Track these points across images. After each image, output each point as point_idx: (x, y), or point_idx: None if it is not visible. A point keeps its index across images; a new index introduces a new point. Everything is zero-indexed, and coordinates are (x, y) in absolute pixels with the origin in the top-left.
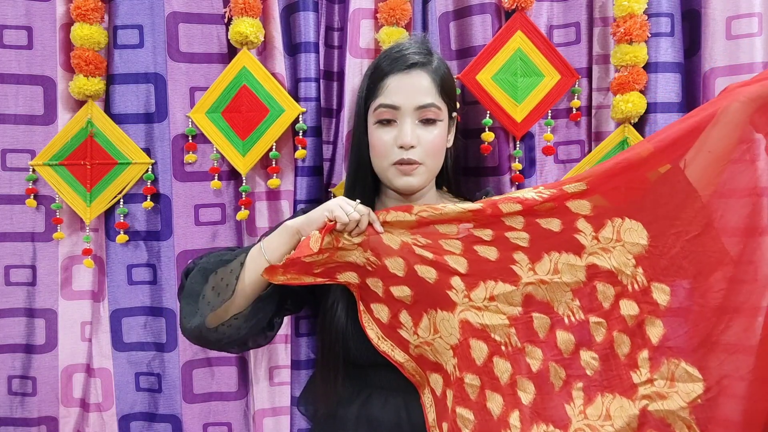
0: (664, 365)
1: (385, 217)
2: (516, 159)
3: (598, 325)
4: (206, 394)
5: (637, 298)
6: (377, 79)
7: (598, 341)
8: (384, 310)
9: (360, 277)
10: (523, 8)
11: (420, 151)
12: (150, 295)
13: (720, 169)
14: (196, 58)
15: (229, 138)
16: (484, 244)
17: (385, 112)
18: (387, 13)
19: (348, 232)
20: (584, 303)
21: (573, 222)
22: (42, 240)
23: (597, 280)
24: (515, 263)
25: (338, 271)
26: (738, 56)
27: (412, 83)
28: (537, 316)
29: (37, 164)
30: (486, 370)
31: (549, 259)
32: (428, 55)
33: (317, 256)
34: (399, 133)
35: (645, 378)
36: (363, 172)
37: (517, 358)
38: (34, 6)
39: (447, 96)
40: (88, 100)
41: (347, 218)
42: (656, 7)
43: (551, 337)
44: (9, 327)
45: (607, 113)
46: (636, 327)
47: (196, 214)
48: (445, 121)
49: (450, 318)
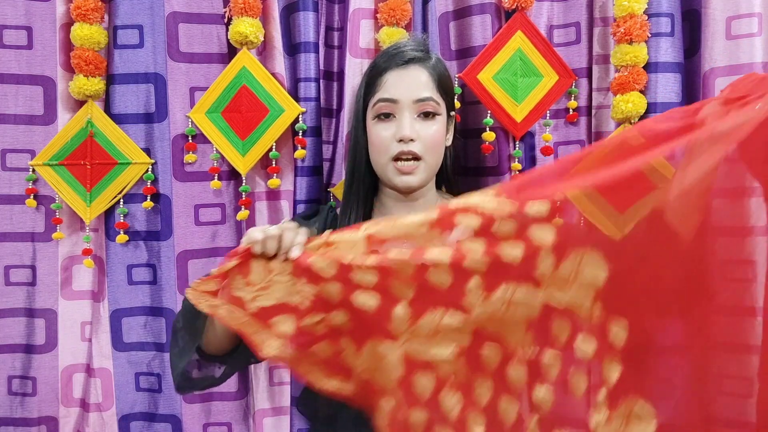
0: (622, 405)
1: (327, 238)
2: (516, 159)
3: (553, 360)
4: (206, 394)
5: (595, 334)
6: (375, 76)
7: (553, 376)
8: (326, 348)
9: (296, 321)
10: (523, 8)
11: (419, 144)
12: (150, 295)
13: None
14: (196, 58)
15: (228, 138)
16: (438, 269)
17: (383, 106)
18: (387, 13)
19: (271, 255)
20: (539, 336)
21: (535, 253)
22: (42, 240)
23: (554, 314)
24: (468, 291)
25: (272, 314)
26: (738, 56)
27: (410, 77)
28: (488, 348)
29: (37, 164)
30: (433, 405)
31: (505, 288)
32: (426, 52)
33: (242, 282)
34: (398, 126)
35: (603, 417)
36: (361, 172)
37: (467, 392)
38: (34, 6)
39: (445, 92)
40: (88, 100)
41: (261, 235)
42: (656, 7)
43: (502, 370)
44: (9, 327)
45: (607, 113)
46: (593, 364)
47: (196, 214)
48: (444, 117)
49: (392, 349)
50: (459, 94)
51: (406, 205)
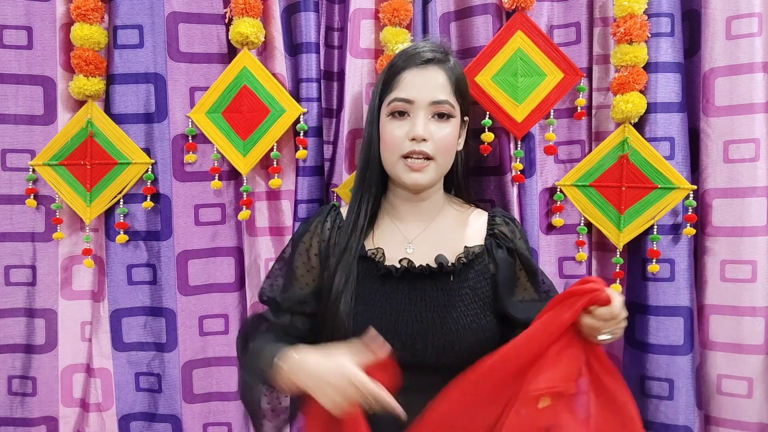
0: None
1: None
2: (517, 159)
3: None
4: (206, 394)
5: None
6: (393, 75)
7: None
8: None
9: None
10: (524, 8)
11: (431, 145)
12: (150, 295)
13: None
14: (196, 58)
15: (229, 138)
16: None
17: (399, 105)
18: (390, 13)
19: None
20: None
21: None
22: (42, 240)
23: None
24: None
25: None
26: (738, 56)
27: (428, 78)
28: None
29: (37, 164)
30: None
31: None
32: (445, 54)
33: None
34: (411, 125)
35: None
36: (372, 170)
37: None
38: (34, 6)
39: (461, 96)
40: (88, 100)
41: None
42: (656, 7)
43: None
44: (9, 327)
45: (607, 113)
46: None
47: (196, 214)
48: (458, 120)
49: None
50: None
51: (414, 205)
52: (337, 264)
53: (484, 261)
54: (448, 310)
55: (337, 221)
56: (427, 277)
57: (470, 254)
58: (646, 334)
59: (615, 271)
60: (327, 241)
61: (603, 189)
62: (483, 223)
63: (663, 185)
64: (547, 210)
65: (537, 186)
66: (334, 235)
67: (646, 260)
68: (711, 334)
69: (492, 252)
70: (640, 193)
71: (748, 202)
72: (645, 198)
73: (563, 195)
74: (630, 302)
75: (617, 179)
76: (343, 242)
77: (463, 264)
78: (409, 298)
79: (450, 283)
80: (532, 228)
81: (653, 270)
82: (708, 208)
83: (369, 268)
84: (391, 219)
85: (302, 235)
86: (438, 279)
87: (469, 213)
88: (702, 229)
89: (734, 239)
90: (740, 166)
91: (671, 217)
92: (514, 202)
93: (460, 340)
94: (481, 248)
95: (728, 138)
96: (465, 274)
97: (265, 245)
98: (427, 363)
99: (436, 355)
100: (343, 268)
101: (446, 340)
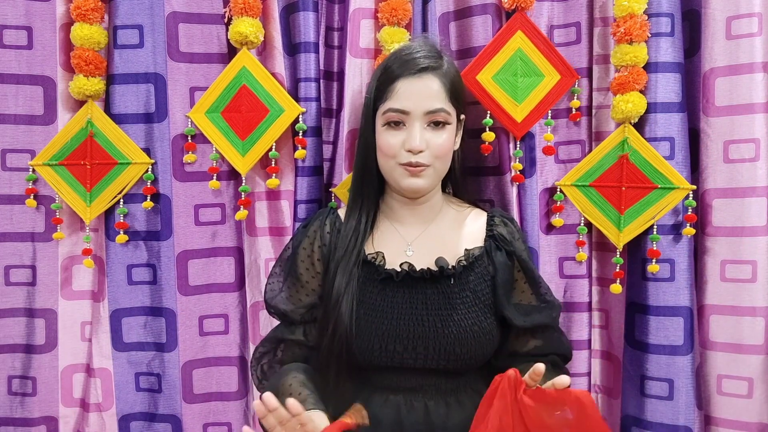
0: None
1: None
2: (516, 159)
3: None
4: (206, 394)
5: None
6: (387, 82)
7: None
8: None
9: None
10: (524, 8)
11: (428, 154)
12: (150, 295)
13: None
14: (196, 58)
15: (228, 138)
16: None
17: (394, 116)
18: (389, 13)
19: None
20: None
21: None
22: (42, 240)
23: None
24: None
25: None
26: (738, 56)
27: (422, 88)
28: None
29: (37, 164)
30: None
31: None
32: (438, 58)
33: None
34: (408, 137)
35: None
36: (369, 174)
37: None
38: (34, 6)
39: (456, 100)
40: (88, 100)
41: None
42: (656, 7)
43: None
44: (9, 327)
45: (607, 113)
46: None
47: (196, 214)
48: (454, 125)
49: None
50: None
51: (412, 208)
52: (336, 268)
53: (484, 263)
54: (449, 313)
55: (336, 224)
56: (428, 281)
57: (470, 257)
58: (646, 334)
59: (615, 271)
60: (328, 245)
61: (603, 189)
62: (482, 223)
63: (663, 185)
64: (547, 210)
65: (537, 186)
66: (335, 238)
67: (646, 260)
68: (711, 334)
69: (491, 254)
70: (640, 193)
71: (748, 202)
72: (645, 198)
73: (563, 195)
74: (630, 302)
75: (617, 179)
76: (343, 247)
77: (463, 267)
78: (410, 302)
79: (451, 286)
80: (532, 228)
81: (653, 270)
82: (708, 208)
83: (369, 272)
84: (390, 221)
85: (302, 242)
86: (439, 282)
87: (467, 213)
88: (702, 229)
89: (734, 239)
90: (740, 166)
91: (671, 217)
92: (514, 202)
93: (461, 342)
94: (481, 250)
95: (728, 138)
96: (465, 277)
97: (265, 245)
98: (428, 366)
99: (437, 358)
100: (344, 273)
101: (448, 343)
